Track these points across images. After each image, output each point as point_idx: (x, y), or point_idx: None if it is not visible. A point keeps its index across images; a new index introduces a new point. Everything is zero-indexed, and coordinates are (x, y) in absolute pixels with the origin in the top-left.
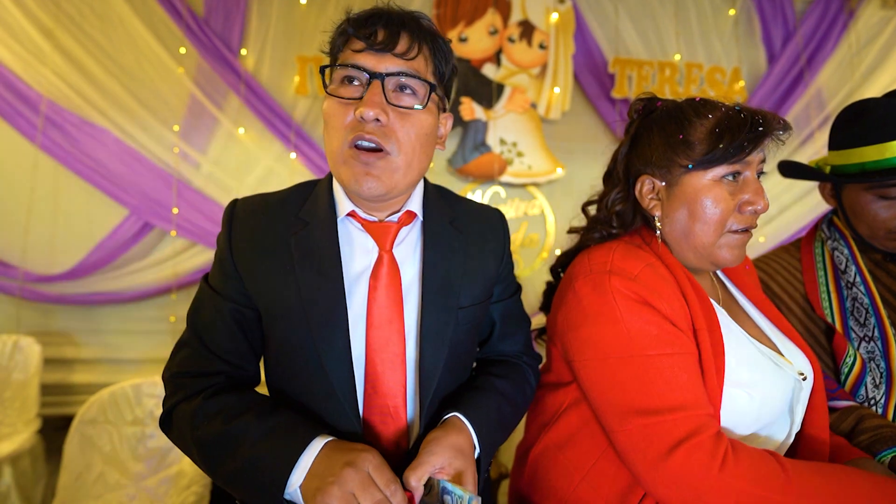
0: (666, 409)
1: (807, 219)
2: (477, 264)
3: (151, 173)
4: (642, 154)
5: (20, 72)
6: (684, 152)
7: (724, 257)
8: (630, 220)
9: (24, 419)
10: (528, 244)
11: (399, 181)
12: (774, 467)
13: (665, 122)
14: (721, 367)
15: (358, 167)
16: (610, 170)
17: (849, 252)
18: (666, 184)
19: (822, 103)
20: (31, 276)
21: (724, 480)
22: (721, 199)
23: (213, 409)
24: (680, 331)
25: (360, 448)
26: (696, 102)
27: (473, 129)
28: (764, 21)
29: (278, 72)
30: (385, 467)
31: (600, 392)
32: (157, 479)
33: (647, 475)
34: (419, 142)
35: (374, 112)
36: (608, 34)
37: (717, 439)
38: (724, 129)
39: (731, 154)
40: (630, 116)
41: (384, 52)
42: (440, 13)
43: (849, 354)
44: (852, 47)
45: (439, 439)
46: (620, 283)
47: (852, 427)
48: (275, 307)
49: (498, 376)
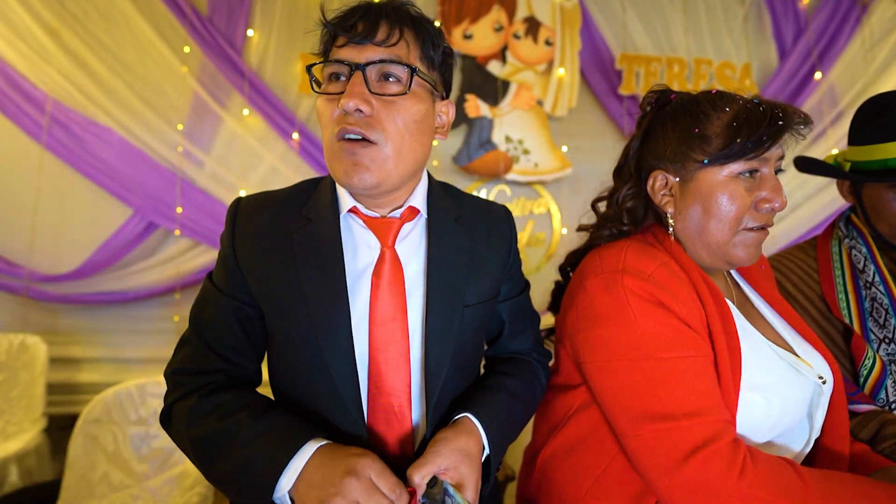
0: (681, 414)
1: (819, 217)
2: (483, 262)
3: (155, 172)
4: (655, 148)
5: (25, 71)
6: (700, 147)
7: (738, 256)
8: (641, 217)
9: (31, 418)
10: (534, 243)
11: (391, 171)
12: (792, 476)
13: (679, 115)
14: (737, 371)
15: (346, 159)
16: (621, 164)
17: (867, 251)
18: (680, 179)
19: (834, 99)
20: (37, 276)
21: (742, 489)
22: (737, 195)
23: (208, 407)
24: (695, 333)
25: (357, 453)
26: (712, 95)
27: (479, 126)
28: (774, 16)
29: (282, 70)
30: (387, 471)
31: (612, 395)
32: (160, 480)
33: (660, 482)
34: (408, 129)
35: (354, 102)
36: (615, 30)
37: (734, 446)
38: (742, 122)
39: (750, 149)
40: (642, 109)
41: (364, 42)
42: (444, 10)
43: (868, 356)
44: (865, 42)
45: (448, 440)
46: (634, 282)
47: (874, 433)
48: (277, 304)
49: (508, 374)
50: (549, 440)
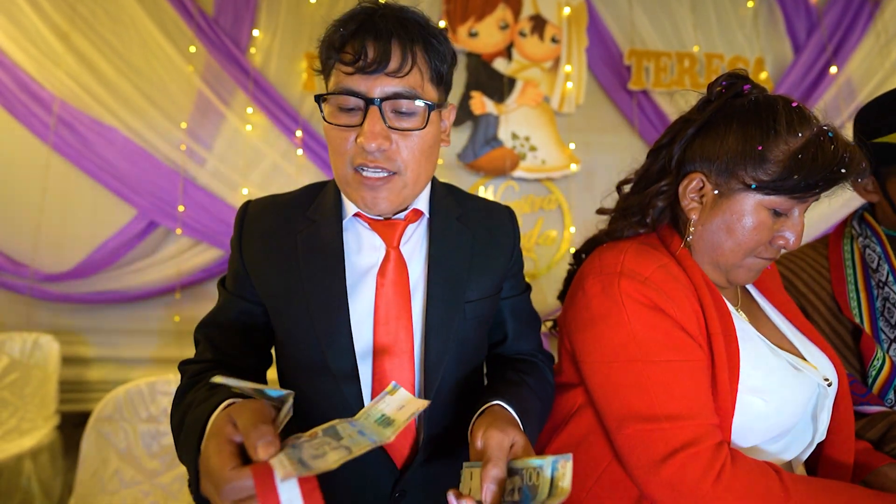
0: (665, 416)
1: (833, 219)
2: (485, 258)
3: (158, 171)
4: (709, 148)
5: (34, 73)
6: (754, 167)
7: (740, 277)
8: (661, 217)
9: (44, 415)
10: (544, 241)
11: (408, 195)
12: (774, 483)
13: (750, 118)
14: (735, 374)
15: (365, 192)
16: (661, 145)
17: (881, 250)
18: (718, 192)
19: (852, 93)
20: (40, 275)
21: (717, 494)
22: (763, 227)
23: (186, 388)
24: (690, 337)
25: (211, 431)
26: (791, 108)
27: (484, 123)
28: (785, 11)
29: (286, 68)
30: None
31: (602, 394)
32: (171, 476)
33: (642, 480)
34: (424, 156)
35: (377, 143)
36: (623, 27)
37: (715, 451)
38: (808, 159)
39: (800, 189)
40: (709, 93)
41: (376, 73)
42: (450, 9)
43: (877, 357)
44: (880, 37)
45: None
46: (630, 285)
47: (882, 434)
48: (280, 303)
49: (524, 372)
50: (552, 439)
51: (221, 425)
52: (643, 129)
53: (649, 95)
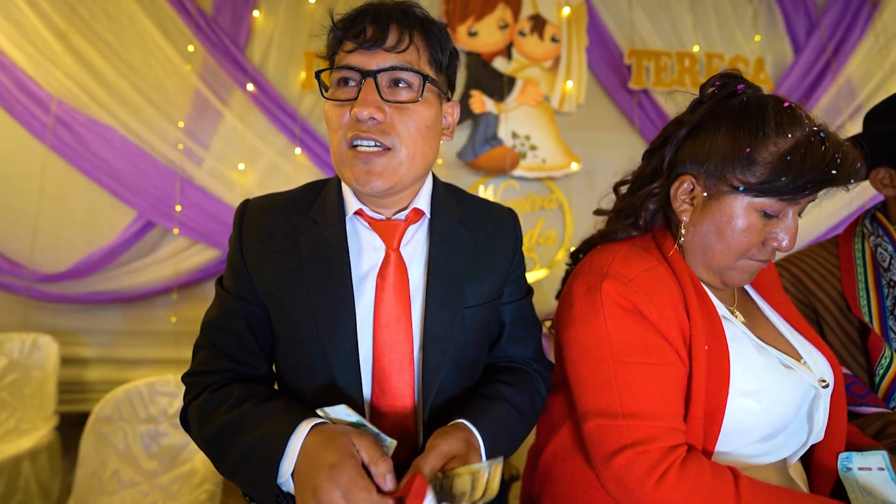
0: (623, 414)
1: (839, 216)
2: (486, 263)
3: (156, 171)
4: (699, 150)
5: (32, 73)
6: (742, 170)
7: (734, 279)
8: (655, 219)
9: (43, 416)
10: (545, 241)
11: (403, 175)
12: (726, 488)
13: (739, 121)
14: (725, 377)
15: (359, 167)
16: (655, 147)
17: (893, 249)
18: (707, 194)
19: (852, 92)
20: (37, 276)
21: (657, 495)
22: (753, 230)
23: (217, 401)
24: (666, 341)
25: (338, 448)
26: (782, 108)
27: (484, 122)
28: (785, 11)
29: (284, 67)
30: (359, 478)
31: (575, 389)
32: (170, 477)
33: (598, 471)
34: (420, 134)
35: (368, 111)
36: (623, 27)
37: (666, 452)
38: (797, 160)
39: (789, 191)
40: (702, 94)
41: (374, 49)
42: (449, 8)
43: (885, 356)
44: (879, 38)
45: (449, 433)
46: (612, 287)
47: (877, 432)
48: (283, 306)
49: (507, 384)
50: (550, 440)
51: (349, 448)
52: (644, 128)
53: (650, 94)
